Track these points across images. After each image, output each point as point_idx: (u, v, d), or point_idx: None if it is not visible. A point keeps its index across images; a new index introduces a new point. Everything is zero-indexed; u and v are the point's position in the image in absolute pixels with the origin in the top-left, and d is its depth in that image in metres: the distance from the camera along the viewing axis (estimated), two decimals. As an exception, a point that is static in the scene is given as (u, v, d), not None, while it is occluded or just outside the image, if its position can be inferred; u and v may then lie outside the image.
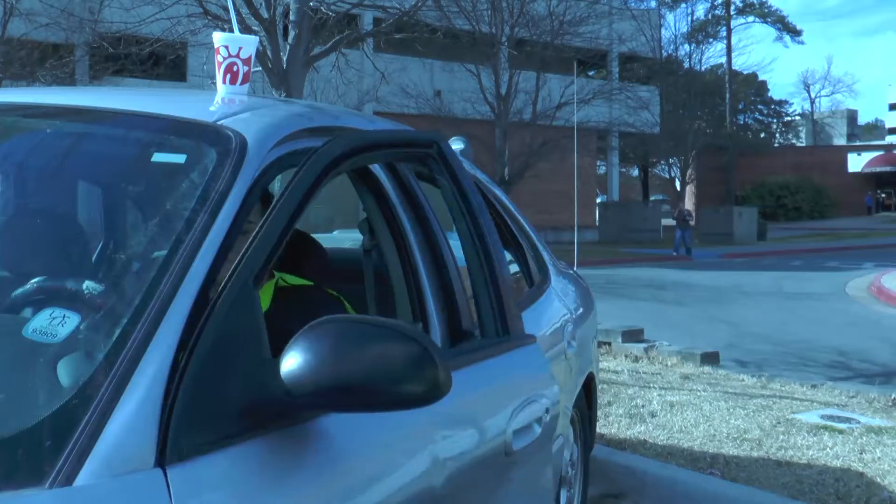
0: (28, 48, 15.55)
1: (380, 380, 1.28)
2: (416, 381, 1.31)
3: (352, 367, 1.28)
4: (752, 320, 11.61)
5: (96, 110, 1.83)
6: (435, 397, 1.34)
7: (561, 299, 3.32)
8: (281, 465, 1.33)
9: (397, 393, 1.30)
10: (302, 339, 1.30)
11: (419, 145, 2.02)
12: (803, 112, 67.38)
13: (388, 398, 1.30)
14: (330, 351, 1.28)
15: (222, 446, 1.25)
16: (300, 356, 1.28)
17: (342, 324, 1.33)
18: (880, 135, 75.44)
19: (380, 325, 1.33)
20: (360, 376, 1.28)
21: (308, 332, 1.31)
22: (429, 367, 1.31)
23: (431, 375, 1.32)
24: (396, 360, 1.29)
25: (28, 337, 1.30)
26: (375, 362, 1.28)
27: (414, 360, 1.30)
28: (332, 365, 1.27)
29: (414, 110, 25.49)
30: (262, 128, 1.65)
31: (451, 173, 2.06)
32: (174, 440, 1.18)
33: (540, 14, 23.48)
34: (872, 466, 4.67)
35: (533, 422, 2.17)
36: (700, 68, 41.78)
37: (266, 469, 1.30)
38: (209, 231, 1.38)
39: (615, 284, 16.37)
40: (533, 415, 2.18)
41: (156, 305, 1.26)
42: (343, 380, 1.27)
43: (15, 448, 1.12)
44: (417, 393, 1.32)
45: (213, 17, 11.23)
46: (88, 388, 1.17)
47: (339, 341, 1.29)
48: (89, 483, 1.09)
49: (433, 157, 2.02)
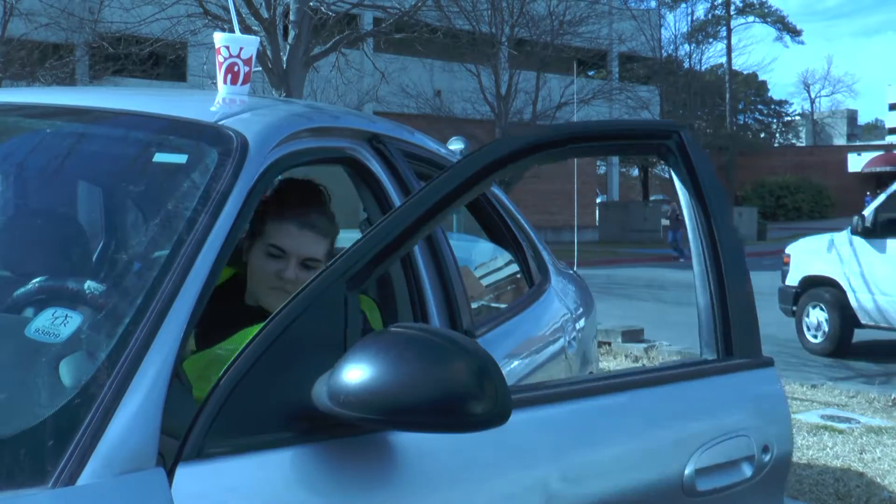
0: (28, 48, 15.55)
1: (443, 399, 1.18)
2: (482, 402, 1.19)
3: (414, 382, 1.18)
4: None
5: (98, 110, 1.83)
6: (498, 420, 1.22)
7: (561, 299, 3.32)
8: (324, 476, 1.27)
9: (462, 414, 1.19)
10: (362, 350, 1.23)
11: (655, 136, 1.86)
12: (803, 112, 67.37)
13: (452, 419, 1.20)
14: (392, 364, 1.19)
15: (251, 450, 1.22)
16: (357, 368, 1.20)
17: (405, 334, 1.24)
18: (880, 135, 75.43)
19: (447, 338, 1.23)
20: (422, 394, 1.18)
21: (369, 341, 1.24)
22: (496, 387, 1.20)
23: (498, 397, 1.20)
24: (464, 378, 1.19)
25: (30, 337, 1.30)
26: (439, 379, 1.18)
27: (480, 380, 1.19)
28: (393, 380, 1.18)
29: (414, 110, 25.48)
30: (264, 128, 1.65)
31: (690, 169, 1.85)
32: (195, 440, 1.18)
33: (540, 14, 23.47)
34: (872, 466, 4.68)
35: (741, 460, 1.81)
36: (700, 68, 41.79)
37: (303, 478, 1.26)
38: (210, 231, 1.38)
39: (615, 284, 16.37)
40: (739, 451, 1.81)
41: (158, 305, 1.26)
42: (403, 397, 1.18)
43: (17, 448, 1.12)
44: (480, 414, 1.19)
45: (213, 17, 11.24)
46: (91, 388, 1.17)
47: (402, 354, 1.20)
48: (92, 482, 1.09)
49: (671, 149, 1.84)
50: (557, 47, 24.10)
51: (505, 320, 2.64)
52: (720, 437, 1.78)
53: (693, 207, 1.86)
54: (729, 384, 1.83)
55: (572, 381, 1.81)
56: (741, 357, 1.83)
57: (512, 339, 2.62)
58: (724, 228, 1.85)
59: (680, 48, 38.89)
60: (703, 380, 1.80)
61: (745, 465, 1.81)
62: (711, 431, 1.78)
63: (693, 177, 1.84)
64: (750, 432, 1.83)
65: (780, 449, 1.87)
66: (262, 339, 1.26)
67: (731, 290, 1.82)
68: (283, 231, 1.88)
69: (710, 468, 1.75)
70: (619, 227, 33.06)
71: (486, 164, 1.50)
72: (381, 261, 1.37)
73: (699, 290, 1.85)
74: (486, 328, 2.43)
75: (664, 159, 1.86)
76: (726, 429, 1.80)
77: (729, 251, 1.83)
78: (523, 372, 2.57)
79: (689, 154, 1.84)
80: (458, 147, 8.33)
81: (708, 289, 1.83)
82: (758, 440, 1.83)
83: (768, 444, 1.85)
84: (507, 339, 2.55)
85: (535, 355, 2.75)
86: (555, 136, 1.57)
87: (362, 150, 2.01)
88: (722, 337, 1.82)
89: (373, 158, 2.03)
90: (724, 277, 1.82)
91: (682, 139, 1.83)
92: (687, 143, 1.83)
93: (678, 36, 39.33)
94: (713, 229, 1.84)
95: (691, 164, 1.84)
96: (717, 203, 1.85)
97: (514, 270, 3.11)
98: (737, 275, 1.84)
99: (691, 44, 40.22)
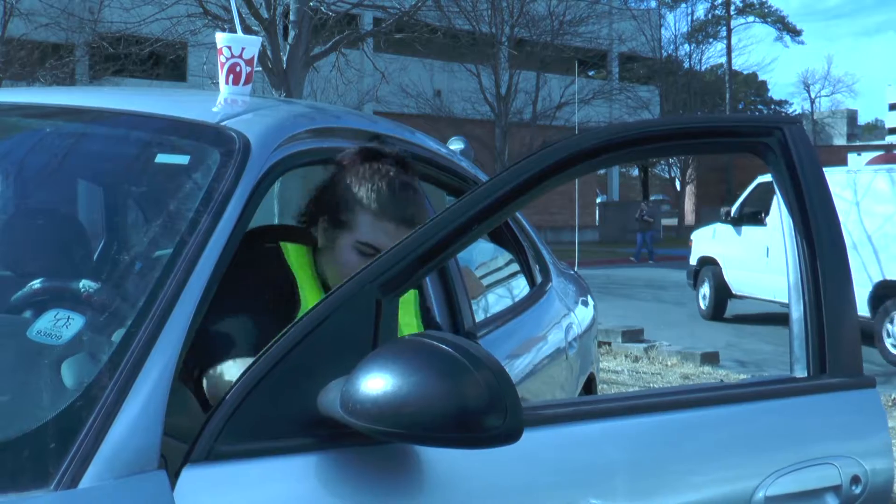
0: (28, 48, 15.56)
1: (457, 414, 1.13)
2: (496, 418, 1.14)
3: (426, 396, 1.14)
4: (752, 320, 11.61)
5: (100, 111, 1.83)
6: (510, 438, 1.17)
7: (561, 299, 3.31)
8: (336, 485, 1.24)
9: (475, 430, 1.14)
10: (376, 359, 1.19)
11: (753, 134, 1.72)
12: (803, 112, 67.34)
13: (464, 435, 1.15)
14: (405, 377, 1.15)
15: (262, 455, 1.21)
16: (370, 377, 1.16)
17: (421, 344, 1.19)
18: (880, 135, 75.43)
19: (462, 350, 1.17)
20: (436, 407, 1.13)
21: (384, 351, 1.20)
22: (510, 403, 1.15)
23: (513, 413, 1.15)
24: (478, 394, 1.14)
25: (32, 338, 1.30)
26: (454, 393, 1.14)
27: (495, 395, 1.14)
28: (406, 392, 1.14)
29: (414, 110, 25.49)
30: (266, 129, 1.65)
31: (793, 171, 1.69)
32: (205, 442, 1.17)
33: (540, 14, 23.49)
34: (873, 467, 4.67)
35: (824, 490, 1.64)
36: (700, 68, 41.76)
37: (315, 487, 1.23)
38: (213, 232, 1.37)
39: (615, 284, 16.35)
40: (822, 481, 1.64)
41: (160, 307, 1.25)
42: (414, 410, 1.14)
43: (20, 450, 1.12)
44: (494, 430, 1.15)
45: (214, 17, 11.23)
46: (93, 390, 1.17)
47: (417, 364, 1.16)
48: (94, 485, 1.09)
49: (772, 148, 1.69)
50: (557, 47, 24.12)
51: (506, 321, 2.64)
52: (800, 464, 1.62)
53: (794, 214, 1.70)
54: (818, 405, 1.68)
55: (649, 393, 1.71)
56: (836, 376, 1.67)
57: (513, 339, 2.62)
58: (830, 238, 1.69)
59: (680, 48, 38.90)
60: (787, 399, 1.66)
61: (830, 496, 1.64)
62: (791, 457, 1.62)
63: (796, 180, 1.69)
64: (836, 460, 1.66)
65: (875, 479, 1.67)
66: (285, 341, 1.23)
67: (830, 302, 1.67)
68: (380, 229, 1.73)
69: (785, 496, 1.60)
70: (619, 227, 33.04)
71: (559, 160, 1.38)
72: (421, 266, 1.31)
73: (793, 302, 1.71)
74: (487, 329, 2.43)
75: (763, 159, 1.72)
76: (809, 455, 1.64)
77: (831, 260, 1.68)
78: (524, 372, 2.57)
79: (792, 154, 1.68)
80: (459, 147, 8.30)
81: (803, 299, 1.69)
82: (846, 470, 1.65)
83: (860, 475, 1.66)
84: (508, 340, 2.55)
85: (536, 355, 2.75)
86: (654, 130, 1.48)
87: (363, 151, 2.00)
88: (815, 352, 1.67)
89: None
90: (822, 288, 1.66)
91: (787, 136, 1.68)
92: (791, 142, 1.68)
93: (678, 36, 39.33)
94: (814, 238, 1.68)
95: (794, 167, 1.68)
96: (824, 210, 1.69)
97: (515, 271, 3.11)
98: (838, 286, 1.68)
99: (691, 44, 40.22)
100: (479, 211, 1.34)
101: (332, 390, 1.21)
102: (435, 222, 1.32)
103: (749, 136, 1.72)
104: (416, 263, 1.30)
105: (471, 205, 1.34)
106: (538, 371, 2.71)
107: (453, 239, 1.34)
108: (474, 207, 1.34)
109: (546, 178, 1.40)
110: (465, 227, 1.34)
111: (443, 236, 1.32)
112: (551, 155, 1.41)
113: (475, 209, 1.34)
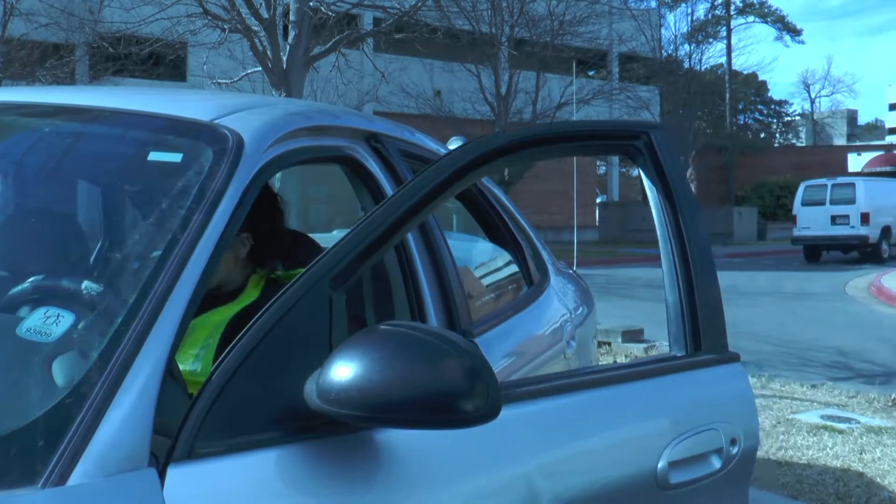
0: (28, 48, 15.56)
1: (434, 395, 1.19)
2: (472, 399, 1.20)
3: (405, 379, 1.18)
4: (752, 320, 11.60)
5: (92, 109, 1.82)
6: (489, 416, 1.23)
7: (560, 299, 3.31)
8: (314, 475, 1.27)
9: (453, 410, 1.20)
10: (351, 347, 1.23)
11: (623, 137, 1.88)
12: (803, 112, 67.40)
13: (442, 416, 1.20)
14: (381, 362, 1.19)
15: (241, 450, 1.22)
16: (347, 365, 1.21)
17: (394, 332, 1.25)
18: (880, 135, 75.47)
19: (436, 335, 1.24)
20: (413, 390, 1.18)
21: (358, 339, 1.24)
22: (486, 383, 1.21)
23: (489, 393, 1.21)
24: (454, 374, 1.20)
25: (22, 336, 1.29)
26: (430, 376, 1.19)
27: (470, 376, 1.20)
28: (383, 377, 1.18)
29: (414, 110, 25.48)
30: (260, 127, 1.64)
31: (659, 170, 1.87)
32: (185, 439, 1.18)
33: (540, 14, 23.48)
34: (872, 466, 4.67)
35: (710, 452, 1.87)
36: (700, 68, 41.72)
37: (294, 477, 1.26)
38: (205, 230, 1.37)
39: (615, 284, 16.35)
40: (709, 445, 1.87)
41: (150, 304, 1.25)
42: (393, 394, 1.18)
43: (8, 447, 1.11)
44: (470, 411, 1.21)
45: (213, 17, 11.23)
46: (82, 388, 1.16)
47: (392, 351, 1.21)
48: (82, 483, 1.08)
49: (639, 149, 1.86)
50: (557, 47, 24.10)
51: (504, 320, 2.63)
52: (691, 431, 1.83)
53: (662, 208, 1.89)
54: (698, 379, 1.89)
55: (551, 377, 1.83)
56: (709, 353, 1.88)
57: (511, 338, 2.61)
58: (694, 228, 1.88)
59: (680, 48, 38.85)
60: (673, 375, 1.85)
61: (714, 457, 1.86)
62: (683, 425, 1.83)
63: (662, 177, 1.87)
64: (718, 425, 1.88)
65: (747, 441, 1.93)
66: (249, 338, 1.26)
67: (700, 289, 1.87)
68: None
69: (682, 461, 1.79)
70: (618, 227, 33.07)
71: (463, 164, 1.51)
72: (365, 259, 1.37)
73: (668, 289, 1.91)
74: (485, 327, 2.42)
75: (633, 159, 1.89)
76: (696, 422, 1.85)
77: (698, 250, 1.88)
78: (522, 372, 2.56)
79: (658, 155, 1.86)
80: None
81: (677, 287, 1.88)
82: (726, 433, 1.88)
83: (736, 437, 1.90)
84: (506, 339, 2.54)
85: (535, 355, 2.74)
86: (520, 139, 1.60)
87: (360, 150, 2.00)
88: (690, 334, 1.87)
89: (370, 158, 2.02)
90: (693, 276, 1.87)
91: (652, 139, 1.86)
92: (656, 144, 1.86)
93: (678, 36, 39.29)
94: (682, 229, 1.87)
95: (660, 165, 1.87)
96: (687, 203, 1.89)
97: (514, 270, 3.10)
98: (705, 274, 1.88)
99: (691, 44, 40.17)
100: (408, 208, 1.42)
101: (310, 381, 1.24)
102: (371, 219, 1.38)
103: (621, 139, 1.88)
104: (359, 258, 1.37)
105: (400, 202, 1.42)
106: (536, 370, 2.70)
107: (389, 235, 1.41)
108: (403, 205, 1.42)
109: (465, 173, 1.51)
110: (397, 224, 1.41)
111: (381, 232, 1.38)
112: (468, 153, 1.52)
113: (404, 207, 1.42)
